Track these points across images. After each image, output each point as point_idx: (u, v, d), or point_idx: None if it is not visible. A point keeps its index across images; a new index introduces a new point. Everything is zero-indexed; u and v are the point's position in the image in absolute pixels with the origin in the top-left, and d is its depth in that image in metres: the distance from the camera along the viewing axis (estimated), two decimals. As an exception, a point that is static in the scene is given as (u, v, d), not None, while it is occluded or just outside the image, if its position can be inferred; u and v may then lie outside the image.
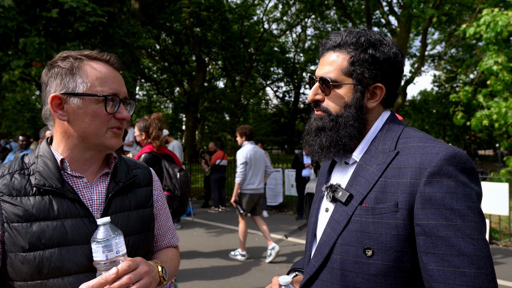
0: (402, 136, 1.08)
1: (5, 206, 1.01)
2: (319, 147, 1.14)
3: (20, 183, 1.04)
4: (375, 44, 1.10)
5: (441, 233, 0.91)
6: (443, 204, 0.92)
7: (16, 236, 0.99)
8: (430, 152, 0.97)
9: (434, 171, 0.94)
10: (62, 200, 1.05)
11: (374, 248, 0.99)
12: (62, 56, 1.12)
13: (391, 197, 0.99)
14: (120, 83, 1.14)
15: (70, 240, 1.03)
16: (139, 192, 1.24)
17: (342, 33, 1.14)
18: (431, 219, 0.92)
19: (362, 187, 1.05)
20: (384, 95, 1.13)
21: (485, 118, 6.49)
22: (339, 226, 1.06)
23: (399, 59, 1.12)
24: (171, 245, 1.41)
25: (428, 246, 0.92)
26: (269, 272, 5.18)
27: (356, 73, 1.10)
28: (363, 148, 1.12)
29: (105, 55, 1.14)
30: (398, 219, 0.97)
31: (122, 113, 1.14)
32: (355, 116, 1.10)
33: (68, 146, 1.12)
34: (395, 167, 1.01)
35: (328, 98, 1.14)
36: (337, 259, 1.05)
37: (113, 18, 8.50)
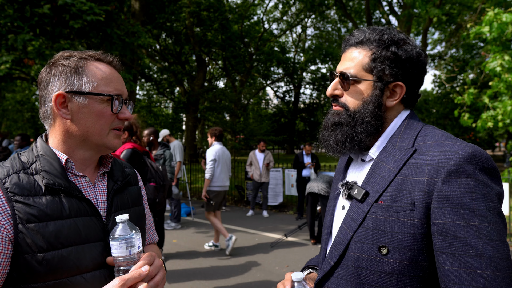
0: (420, 134, 1.07)
1: (18, 206, 0.98)
2: (335, 142, 1.14)
3: (29, 183, 1.03)
4: (398, 43, 1.09)
5: (458, 233, 0.89)
6: (461, 204, 0.90)
7: (33, 236, 0.97)
8: (449, 150, 0.96)
9: (452, 170, 0.92)
10: (71, 199, 1.06)
11: (389, 246, 0.98)
12: (65, 55, 1.11)
13: (407, 195, 0.98)
14: (123, 84, 1.16)
15: (83, 238, 1.04)
16: (132, 191, 1.28)
17: (365, 30, 1.13)
18: (448, 219, 0.91)
19: (378, 185, 1.04)
20: (405, 94, 1.11)
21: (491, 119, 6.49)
22: (355, 223, 1.06)
23: (422, 59, 1.11)
24: (153, 241, 1.46)
25: (445, 246, 0.91)
26: (269, 272, 5.18)
27: (376, 70, 1.09)
28: (380, 146, 1.12)
29: (108, 57, 1.15)
30: (415, 217, 0.96)
31: (125, 114, 1.15)
32: (372, 113, 1.09)
33: (68, 146, 1.11)
34: (413, 165, 1.00)
35: (347, 94, 1.13)
36: (352, 256, 1.05)
37: (111, 17, 8.47)
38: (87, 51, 1.14)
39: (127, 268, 1.02)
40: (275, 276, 5.05)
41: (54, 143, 1.12)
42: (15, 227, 0.97)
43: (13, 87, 20.56)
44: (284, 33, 30.31)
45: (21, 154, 1.11)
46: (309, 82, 34.80)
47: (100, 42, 8.64)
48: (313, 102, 35.84)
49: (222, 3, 21.07)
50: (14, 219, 0.97)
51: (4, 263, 0.96)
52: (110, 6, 8.28)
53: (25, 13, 7.45)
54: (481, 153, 0.93)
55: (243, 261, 5.69)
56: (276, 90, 35.97)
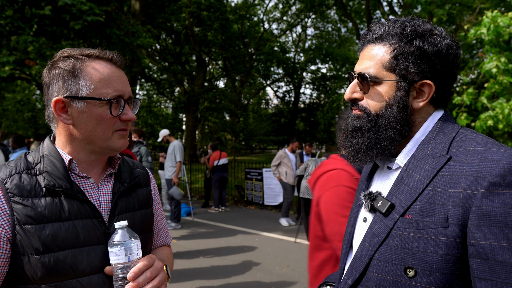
0: (456, 139, 0.93)
1: (16, 207, 0.97)
2: (355, 149, 1.02)
3: (30, 184, 1.01)
4: (424, 35, 0.95)
5: (501, 256, 0.77)
6: (506, 222, 0.77)
7: (29, 238, 0.96)
8: (491, 158, 0.82)
9: (495, 181, 0.79)
10: (71, 201, 1.03)
11: (417, 268, 0.85)
12: (63, 56, 1.08)
13: (440, 210, 0.85)
14: (124, 83, 1.11)
15: (82, 242, 1.02)
16: (140, 193, 1.24)
17: (385, 23, 1.00)
18: (489, 239, 0.78)
19: (405, 197, 0.92)
20: (434, 93, 0.97)
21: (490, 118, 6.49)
22: (377, 239, 0.94)
23: (453, 52, 0.97)
24: (165, 243, 1.43)
25: (484, 271, 0.79)
26: (269, 272, 5.18)
27: (399, 68, 0.96)
28: (409, 152, 0.98)
29: (107, 54, 1.10)
30: (448, 236, 0.83)
31: (128, 115, 1.11)
32: (397, 117, 0.96)
33: (73, 148, 1.09)
34: (447, 175, 0.87)
35: (367, 97, 1.00)
36: (373, 277, 0.93)
37: (111, 18, 8.46)
38: (86, 50, 1.09)
39: (126, 276, 0.99)
40: (275, 276, 5.05)
41: (59, 144, 1.11)
42: (13, 227, 0.96)
43: (13, 87, 20.56)
44: (284, 33, 30.30)
45: (29, 154, 1.10)
46: (309, 82, 34.78)
47: (99, 42, 8.64)
48: (313, 102, 35.83)
49: (222, 3, 21.06)
50: (12, 220, 0.96)
51: (2, 263, 0.96)
52: (110, 7, 8.28)
53: (25, 14, 7.44)
54: None
55: (243, 261, 5.69)
56: (276, 90, 35.95)
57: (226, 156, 10.21)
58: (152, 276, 1.02)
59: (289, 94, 36.22)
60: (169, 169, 8.07)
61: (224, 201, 10.17)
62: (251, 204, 10.82)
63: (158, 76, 26.60)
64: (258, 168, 10.57)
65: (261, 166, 10.62)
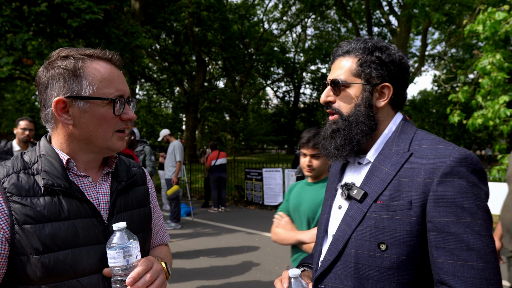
0: (415, 138, 1.14)
1: (15, 207, 0.96)
2: (335, 147, 1.20)
3: (28, 183, 1.00)
4: (381, 48, 1.18)
5: (452, 229, 0.97)
6: (455, 203, 0.98)
7: (29, 238, 0.95)
8: (443, 153, 1.03)
9: (446, 172, 1.00)
10: (70, 200, 1.02)
11: (388, 242, 1.04)
12: (61, 55, 1.05)
13: (405, 195, 1.05)
14: (124, 83, 1.11)
15: (81, 241, 1.01)
16: (138, 191, 1.24)
17: (351, 41, 1.23)
18: (443, 216, 0.98)
19: (376, 186, 1.11)
20: (392, 95, 1.19)
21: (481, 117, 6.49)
22: (354, 222, 1.11)
23: (404, 61, 1.20)
24: (163, 242, 1.43)
25: (439, 241, 0.98)
26: (269, 272, 5.18)
27: (364, 73, 1.17)
28: (377, 149, 1.18)
29: (107, 54, 1.10)
30: (412, 216, 1.03)
31: (129, 114, 1.11)
32: (365, 114, 1.16)
33: (71, 149, 1.08)
34: (409, 167, 1.07)
35: (339, 99, 1.21)
36: (351, 253, 1.11)
37: (110, 17, 8.44)
38: (85, 49, 1.08)
39: (125, 278, 0.98)
40: (275, 276, 5.05)
41: (57, 145, 1.09)
42: (12, 227, 0.95)
43: (12, 87, 20.55)
44: (284, 33, 30.30)
45: (25, 154, 1.09)
46: (309, 82, 34.80)
47: (98, 41, 8.63)
48: (313, 102, 35.84)
49: (222, 3, 21.06)
50: (11, 220, 0.95)
51: (3, 263, 0.95)
52: (109, 5, 8.25)
53: (24, 13, 7.43)
54: (472, 156, 1.02)
55: (243, 261, 5.69)
56: (276, 90, 35.96)
57: (224, 156, 10.19)
58: (152, 279, 1.01)
59: (289, 94, 36.24)
60: (169, 168, 8.09)
61: (224, 201, 10.17)
62: (251, 204, 10.82)
63: (158, 76, 26.59)
64: (258, 168, 10.57)
65: (261, 166, 10.62)
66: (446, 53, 26.18)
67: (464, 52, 24.80)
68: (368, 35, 20.97)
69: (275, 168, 10.18)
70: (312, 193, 2.26)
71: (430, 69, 29.68)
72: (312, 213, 2.21)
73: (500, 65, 6.11)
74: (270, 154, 40.33)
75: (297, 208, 2.29)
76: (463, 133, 32.55)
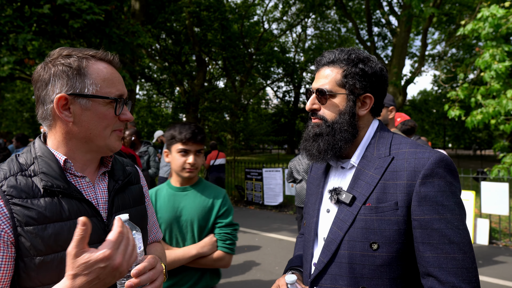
0: (393, 142, 1.23)
1: (16, 209, 0.96)
2: (317, 150, 1.26)
3: (27, 185, 1.00)
4: (364, 60, 1.25)
5: (435, 225, 1.07)
6: (436, 201, 1.08)
7: (32, 239, 0.95)
8: (422, 157, 1.13)
9: (427, 173, 1.10)
10: (70, 200, 1.03)
11: (379, 242, 1.12)
12: (63, 54, 1.06)
13: (391, 197, 1.13)
14: (123, 84, 1.14)
15: None
16: (134, 190, 1.25)
17: (334, 51, 1.29)
18: (426, 214, 1.08)
19: (364, 189, 1.18)
20: (373, 104, 1.27)
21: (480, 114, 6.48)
22: (345, 225, 1.18)
23: (384, 73, 1.28)
24: (156, 239, 1.44)
25: (424, 237, 1.08)
26: (269, 272, 5.18)
27: (348, 84, 1.24)
28: (360, 154, 1.26)
29: (109, 55, 1.12)
30: (399, 215, 1.11)
31: (127, 115, 1.13)
32: (348, 122, 1.23)
33: (69, 147, 1.08)
34: (392, 171, 1.16)
35: (324, 107, 1.27)
36: (345, 254, 1.16)
37: (110, 17, 8.45)
38: (87, 50, 1.10)
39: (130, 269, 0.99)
40: (275, 276, 5.05)
41: (53, 144, 1.09)
42: (15, 230, 0.95)
43: (12, 87, 20.54)
44: (284, 33, 30.29)
45: (19, 156, 1.08)
46: (309, 82, 34.77)
47: (99, 41, 8.63)
48: (313, 102, 35.80)
49: (222, 3, 21.05)
50: (13, 222, 0.95)
51: (10, 266, 0.94)
52: (110, 6, 8.26)
53: (24, 13, 7.44)
54: (447, 158, 1.12)
55: (243, 261, 5.69)
56: (276, 90, 35.97)
57: (223, 157, 10.19)
58: (153, 278, 1.02)
59: (289, 94, 36.24)
60: (164, 169, 8.15)
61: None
62: (251, 204, 10.81)
63: (158, 76, 26.59)
64: (258, 168, 10.56)
65: (261, 166, 10.62)
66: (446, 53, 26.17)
67: (464, 52, 24.79)
68: (368, 35, 20.95)
69: (275, 168, 10.18)
70: (192, 199, 1.98)
71: (430, 69, 29.67)
72: (204, 221, 1.96)
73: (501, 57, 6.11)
74: (270, 154, 40.33)
75: (177, 220, 1.94)
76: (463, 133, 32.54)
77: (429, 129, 36.77)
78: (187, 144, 1.93)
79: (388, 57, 25.46)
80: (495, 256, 5.90)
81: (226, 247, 1.99)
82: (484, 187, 6.59)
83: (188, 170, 1.94)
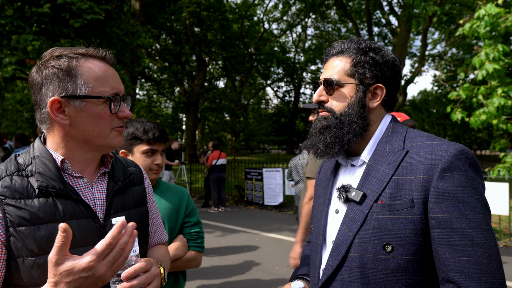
0: (407, 136, 1.13)
1: (9, 209, 0.95)
2: (324, 144, 1.17)
3: (22, 185, 0.99)
4: (375, 49, 1.18)
5: (455, 225, 0.96)
6: (456, 198, 0.97)
7: (24, 240, 0.94)
8: (440, 149, 1.02)
9: (445, 167, 0.99)
10: (65, 201, 1.01)
11: (393, 243, 1.01)
12: (54, 55, 1.04)
13: (405, 194, 1.03)
14: (118, 81, 1.10)
15: (77, 242, 1.00)
16: (135, 191, 1.23)
17: (344, 41, 1.22)
18: (446, 212, 0.97)
19: (375, 186, 1.08)
20: (385, 96, 1.18)
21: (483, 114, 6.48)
22: (356, 225, 1.08)
23: (397, 63, 1.20)
24: (161, 241, 1.42)
25: (443, 238, 0.97)
26: (269, 272, 5.18)
27: (358, 74, 1.16)
28: (371, 150, 1.17)
29: (100, 52, 1.08)
30: (415, 214, 1.00)
31: (125, 112, 1.11)
32: (357, 114, 1.15)
33: (69, 149, 1.07)
34: (407, 165, 1.06)
35: (332, 98, 1.19)
36: (355, 257, 1.06)
37: (111, 17, 8.46)
38: (78, 48, 1.07)
39: (121, 272, 0.97)
40: (275, 276, 5.05)
41: (52, 145, 1.08)
42: (7, 230, 0.94)
43: (12, 87, 20.54)
44: (284, 33, 30.29)
45: (19, 156, 1.07)
46: (309, 82, 34.76)
47: (99, 41, 8.63)
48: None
49: (222, 3, 21.06)
50: (5, 222, 0.94)
51: (1, 267, 0.94)
52: (110, 6, 8.26)
53: (25, 13, 7.44)
54: (468, 151, 1.02)
55: (243, 261, 5.69)
56: (276, 90, 35.94)
57: (225, 157, 10.21)
58: (147, 281, 1.01)
59: (289, 94, 36.22)
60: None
61: (224, 201, 10.17)
62: (251, 204, 10.82)
63: (158, 76, 26.59)
64: (258, 168, 10.56)
65: (261, 166, 10.62)
66: (446, 52, 26.17)
67: (464, 51, 24.79)
68: (368, 35, 20.96)
69: (275, 168, 10.18)
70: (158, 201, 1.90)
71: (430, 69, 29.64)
72: (173, 222, 1.91)
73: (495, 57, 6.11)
74: (270, 154, 40.33)
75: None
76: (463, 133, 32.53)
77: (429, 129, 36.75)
78: (154, 144, 1.83)
79: (388, 57, 25.44)
80: (495, 256, 5.91)
81: (198, 245, 1.95)
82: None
83: (156, 171, 1.86)
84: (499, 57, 6.09)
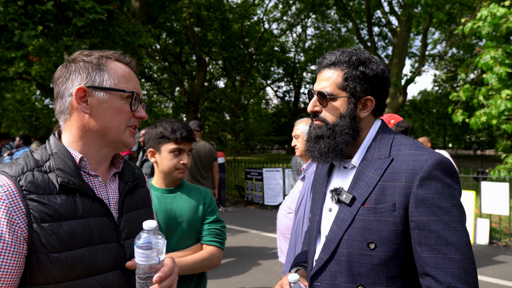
0: (394, 143, 1.25)
1: (33, 204, 0.96)
2: (319, 152, 1.29)
3: (43, 181, 1.00)
4: (365, 62, 1.26)
5: (432, 227, 1.09)
6: (433, 203, 1.09)
7: (47, 236, 0.95)
8: (420, 159, 1.14)
9: (424, 176, 1.11)
10: (84, 199, 1.04)
11: (376, 241, 1.15)
12: (85, 53, 1.13)
13: (389, 198, 1.16)
14: (139, 85, 1.19)
15: (97, 239, 1.03)
16: (142, 192, 1.28)
17: (336, 53, 1.30)
18: (424, 216, 1.10)
19: (363, 190, 1.21)
20: (374, 106, 1.29)
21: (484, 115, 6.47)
22: (345, 224, 1.22)
23: (386, 75, 1.29)
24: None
25: (422, 238, 1.10)
26: (269, 272, 5.18)
27: (349, 88, 1.25)
28: (361, 155, 1.28)
29: (127, 58, 1.18)
30: (396, 216, 1.14)
31: (141, 112, 1.17)
32: (349, 125, 1.25)
33: (84, 142, 1.10)
34: (391, 172, 1.18)
35: (326, 110, 1.29)
36: (344, 252, 1.21)
37: (112, 17, 8.47)
38: (107, 51, 1.16)
39: (153, 275, 1.01)
40: (275, 276, 5.05)
41: (68, 141, 1.11)
42: (30, 226, 0.95)
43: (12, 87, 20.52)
44: (284, 33, 30.27)
45: (34, 152, 1.09)
46: (309, 82, 34.77)
47: (101, 41, 8.63)
48: (313, 102, 35.76)
49: (222, 3, 21.05)
50: (28, 218, 0.95)
51: (20, 263, 0.94)
52: (112, 5, 8.27)
53: (28, 11, 7.46)
54: (446, 160, 1.13)
55: (243, 261, 5.69)
56: (276, 90, 35.94)
57: (223, 156, 10.20)
58: (171, 283, 1.05)
59: (289, 94, 36.22)
60: None
61: (224, 201, 10.16)
62: (251, 204, 10.82)
63: (158, 76, 26.58)
64: (258, 168, 10.56)
65: (261, 166, 10.62)
66: (447, 52, 26.16)
67: (464, 52, 24.77)
68: (368, 35, 20.94)
69: (275, 168, 10.18)
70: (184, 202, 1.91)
71: (430, 69, 29.66)
72: (197, 222, 1.92)
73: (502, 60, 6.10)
74: (270, 154, 40.32)
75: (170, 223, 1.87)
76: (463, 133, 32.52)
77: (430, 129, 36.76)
78: (181, 143, 1.87)
79: (388, 57, 25.44)
80: (495, 256, 5.91)
81: (218, 241, 1.93)
82: (484, 187, 6.59)
83: (182, 171, 1.88)
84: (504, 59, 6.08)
